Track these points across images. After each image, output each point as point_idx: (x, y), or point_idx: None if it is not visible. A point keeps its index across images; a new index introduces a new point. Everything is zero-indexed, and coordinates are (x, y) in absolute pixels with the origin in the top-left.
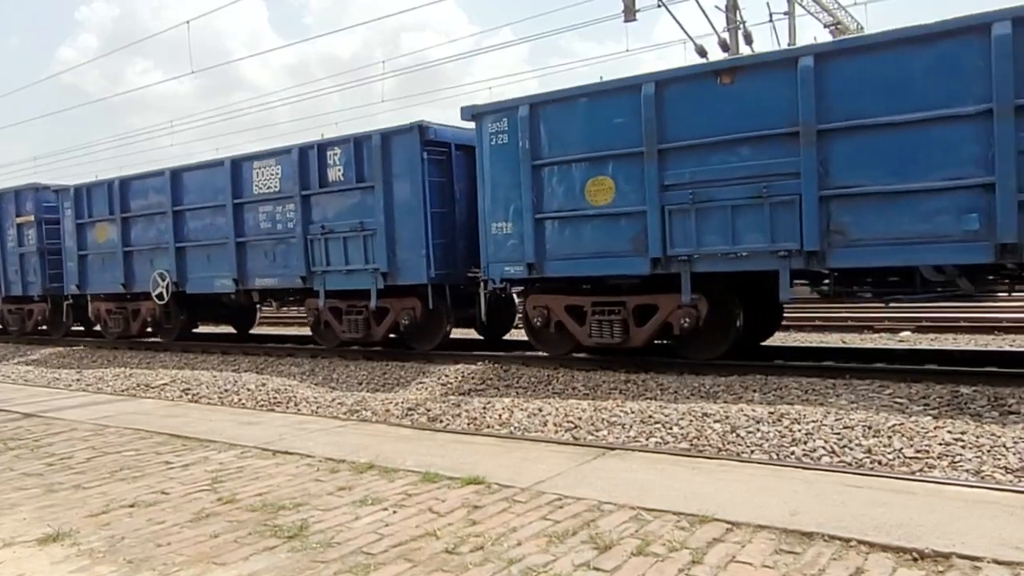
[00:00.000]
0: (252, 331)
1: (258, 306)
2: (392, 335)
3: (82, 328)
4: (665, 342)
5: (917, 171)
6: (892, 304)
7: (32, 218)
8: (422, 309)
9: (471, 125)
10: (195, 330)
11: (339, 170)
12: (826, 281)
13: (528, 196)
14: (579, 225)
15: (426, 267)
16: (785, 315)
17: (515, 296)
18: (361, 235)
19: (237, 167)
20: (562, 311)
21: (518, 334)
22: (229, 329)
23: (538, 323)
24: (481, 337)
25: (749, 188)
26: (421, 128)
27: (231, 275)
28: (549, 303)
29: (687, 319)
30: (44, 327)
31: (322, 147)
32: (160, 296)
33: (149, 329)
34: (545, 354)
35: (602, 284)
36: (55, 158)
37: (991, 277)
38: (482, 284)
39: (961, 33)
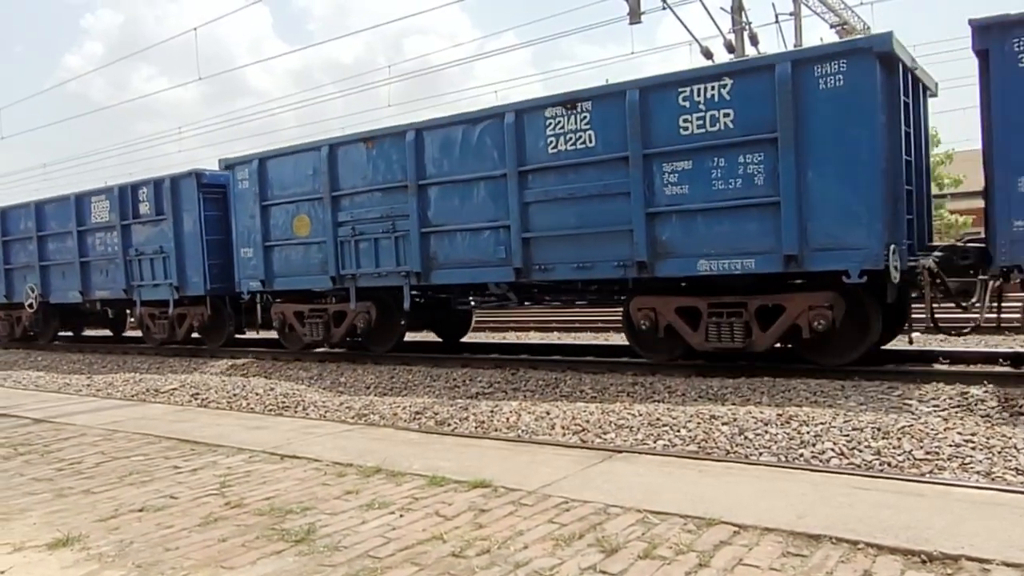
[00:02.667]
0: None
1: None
2: (193, 335)
3: None
4: (359, 339)
5: (474, 214)
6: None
7: None
8: (209, 314)
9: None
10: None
11: (147, 205)
12: (441, 294)
13: (259, 228)
14: (290, 251)
15: (204, 282)
16: None
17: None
18: (161, 257)
19: (80, 201)
20: (292, 316)
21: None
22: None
23: (277, 325)
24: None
25: (384, 225)
26: (197, 175)
27: (78, 288)
28: (284, 310)
29: (362, 321)
30: None
31: (135, 187)
32: (31, 306)
33: (31, 333)
34: (287, 349)
35: (317, 294)
36: (64, 166)
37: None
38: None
39: (491, 119)
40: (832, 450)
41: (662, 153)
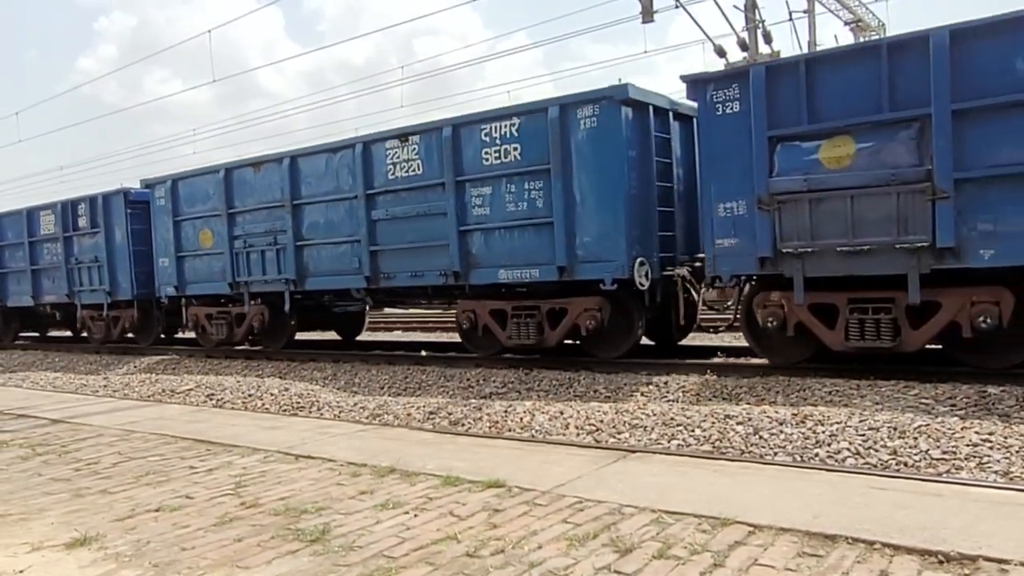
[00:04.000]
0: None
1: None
2: (127, 335)
3: None
4: (256, 337)
5: (336, 230)
6: None
7: None
8: (138, 316)
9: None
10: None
11: (84, 219)
12: (325, 298)
13: (173, 241)
14: (197, 261)
15: (131, 288)
16: None
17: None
18: (96, 265)
19: (30, 215)
20: (203, 317)
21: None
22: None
23: (191, 325)
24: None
25: (268, 239)
26: (125, 192)
27: (30, 293)
28: (197, 312)
29: (257, 322)
30: None
31: (74, 203)
32: None
33: None
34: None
35: (225, 298)
36: (80, 168)
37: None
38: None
39: (346, 148)
40: (848, 450)
41: (470, 180)
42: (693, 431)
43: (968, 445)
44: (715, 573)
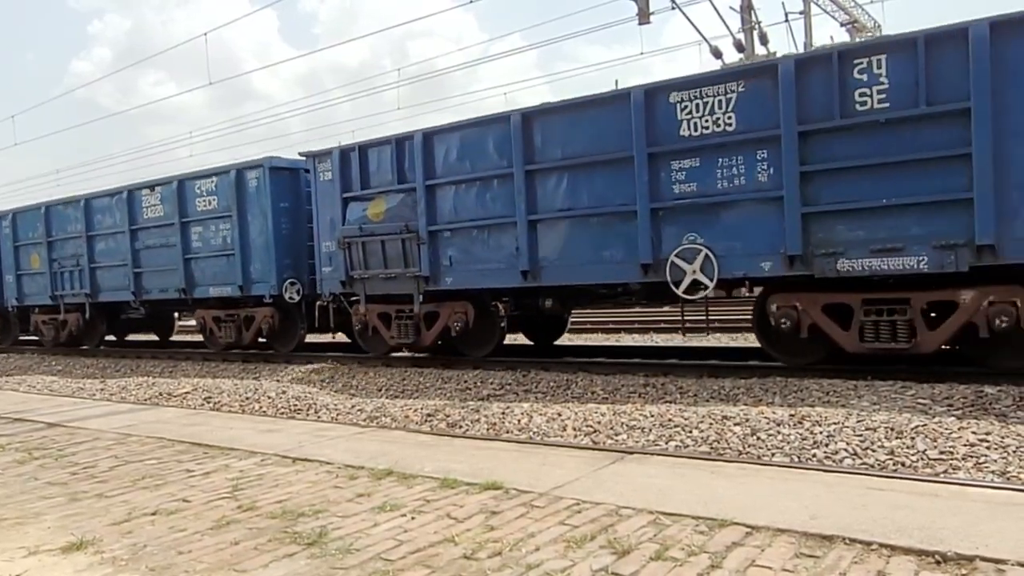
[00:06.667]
0: None
1: None
2: None
3: None
4: (76, 336)
5: (114, 256)
6: None
7: None
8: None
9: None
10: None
11: None
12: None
13: (14, 262)
14: (30, 278)
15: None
16: None
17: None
18: None
19: None
20: (40, 323)
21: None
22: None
23: (32, 329)
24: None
25: (73, 261)
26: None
27: None
28: (37, 319)
29: (75, 326)
30: None
31: None
32: None
33: None
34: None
35: (54, 307)
36: (76, 171)
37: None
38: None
39: (118, 193)
40: (845, 450)
41: (190, 221)
42: (691, 432)
43: (965, 445)
44: (712, 574)
